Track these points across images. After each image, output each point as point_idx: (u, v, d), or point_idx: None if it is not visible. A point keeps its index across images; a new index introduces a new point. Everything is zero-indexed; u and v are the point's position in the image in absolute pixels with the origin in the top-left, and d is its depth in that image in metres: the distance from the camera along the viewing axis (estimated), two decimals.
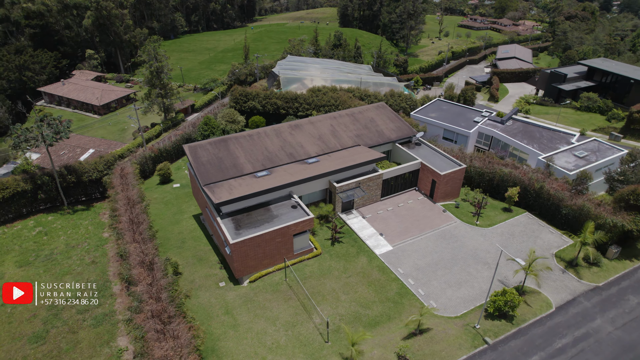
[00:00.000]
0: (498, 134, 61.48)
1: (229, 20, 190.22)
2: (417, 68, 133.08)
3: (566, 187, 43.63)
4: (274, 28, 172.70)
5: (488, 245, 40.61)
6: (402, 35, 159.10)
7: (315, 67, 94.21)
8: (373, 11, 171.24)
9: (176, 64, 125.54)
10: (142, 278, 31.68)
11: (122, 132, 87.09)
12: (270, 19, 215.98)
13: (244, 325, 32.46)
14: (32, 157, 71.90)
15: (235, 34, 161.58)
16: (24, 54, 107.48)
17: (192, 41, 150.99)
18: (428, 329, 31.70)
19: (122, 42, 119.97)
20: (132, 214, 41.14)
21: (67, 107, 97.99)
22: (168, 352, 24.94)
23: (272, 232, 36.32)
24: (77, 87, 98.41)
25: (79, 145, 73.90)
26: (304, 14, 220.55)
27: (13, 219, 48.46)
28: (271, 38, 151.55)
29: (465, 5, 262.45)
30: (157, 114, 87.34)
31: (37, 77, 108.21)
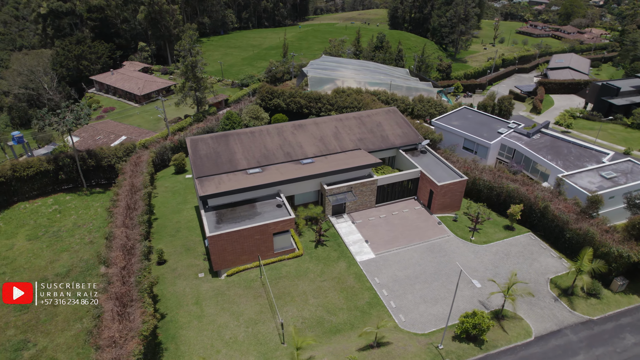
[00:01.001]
0: (521, 147, 58.11)
1: (280, 18, 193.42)
2: (462, 74, 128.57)
3: (574, 209, 40.49)
4: (321, 27, 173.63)
5: (477, 263, 38.63)
6: (451, 39, 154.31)
7: (348, 68, 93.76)
8: (423, 14, 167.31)
9: (219, 59, 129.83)
10: (117, 261, 33.24)
11: (157, 121, 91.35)
12: (322, 19, 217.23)
13: (208, 317, 33.16)
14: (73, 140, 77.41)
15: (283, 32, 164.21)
16: (82, 44, 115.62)
17: (240, 37, 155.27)
18: (388, 342, 30.73)
19: (171, 35, 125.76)
20: (131, 200, 43.20)
21: (114, 95, 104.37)
22: (114, 334, 26.05)
23: (251, 228, 36.74)
24: (124, 77, 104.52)
25: (114, 132, 78.49)
26: (356, 14, 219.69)
27: (36, 195, 52.49)
28: (316, 37, 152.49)
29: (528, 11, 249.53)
30: (190, 107, 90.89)
31: (93, 66, 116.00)
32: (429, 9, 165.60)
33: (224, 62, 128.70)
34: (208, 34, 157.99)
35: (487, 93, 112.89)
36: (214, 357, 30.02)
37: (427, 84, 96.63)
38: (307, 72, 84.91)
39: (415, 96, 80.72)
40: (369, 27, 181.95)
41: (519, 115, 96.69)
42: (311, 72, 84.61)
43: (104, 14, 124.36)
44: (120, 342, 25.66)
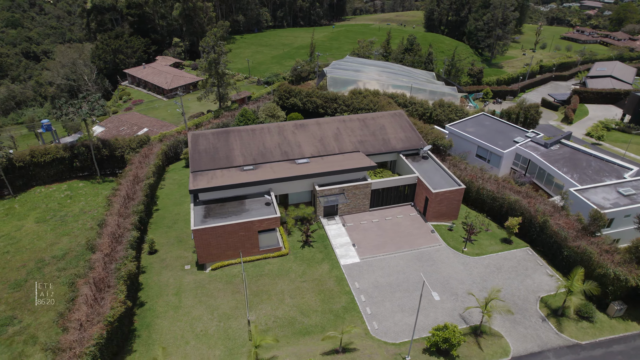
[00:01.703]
0: (536, 157, 55.65)
1: (316, 17, 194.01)
2: (494, 80, 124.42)
3: (575, 225, 38.33)
4: (355, 28, 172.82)
5: (465, 276, 37.32)
6: (487, 44, 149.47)
7: (370, 70, 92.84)
8: (460, 17, 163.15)
9: (249, 57, 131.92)
10: (103, 248, 34.54)
11: (180, 115, 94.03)
12: (359, 19, 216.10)
13: (185, 309, 33.85)
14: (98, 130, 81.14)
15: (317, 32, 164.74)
16: (120, 39, 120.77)
17: (272, 36, 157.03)
18: (354, 349, 30.26)
19: (203, 32, 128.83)
20: (131, 190, 44.75)
21: (144, 88, 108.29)
22: (82, 317, 27.10)
23: (236, 224, 37.18)
24: (154, 71, 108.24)
25: (137, 124, 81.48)
26: (394, 16, 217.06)
27: (52, 181, 55.30)
28: (348, 38, 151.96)
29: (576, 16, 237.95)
30: (213, 103, 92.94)
31: (128, 59, 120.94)
32: (466, 11, 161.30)
33: (254, 60, 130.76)
34: (242, 31, 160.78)
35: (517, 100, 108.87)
36: (182, 348, 30.62)
37: (451, 88, 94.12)
38: (327, 72, 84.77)
39: (436, 100, 78.86)
40: (405, 29, 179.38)
41: (547, 125, 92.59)
42: (331, 73, 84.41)
43: (142, 10, 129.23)
44: (85, 325, 26.66)
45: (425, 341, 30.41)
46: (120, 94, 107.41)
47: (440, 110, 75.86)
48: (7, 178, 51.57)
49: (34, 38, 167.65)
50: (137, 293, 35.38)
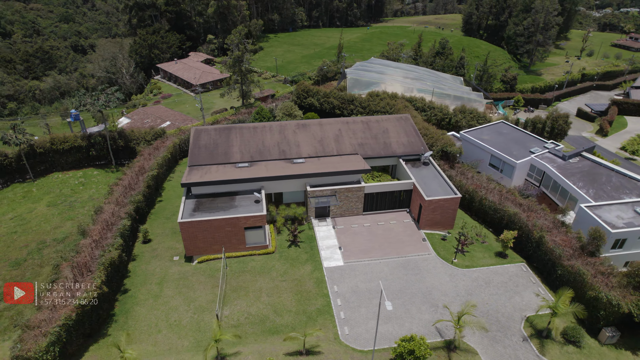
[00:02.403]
0: (550, 170, 53.06)
1: (353, 18, 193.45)
2: (529, 87, 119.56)
3: (572, 243, 36.24)
4: (390, 30, 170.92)
5: (449, 287, 36.13)
6: (526, 50, 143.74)
7: (395, 72, 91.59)
8: (500, 21, 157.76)
9: (280, 56, 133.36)
10: (93, 234, 36.05)
11: (205, 110, 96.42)
12: (397, 21, 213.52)
13: (164, 298, 34.76)
14: (124, 121, 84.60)
15: (351, 33, 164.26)
16: (156, 34, 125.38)
17: (306, 35, 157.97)
18: (319, 352, 30.02)
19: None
20: (134, 181, 46.40)
21: (174, 83, 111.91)
22: (57, 299, 28.42)
23: (222, 220, 37.77)
24: (185, 67, 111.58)
25: (161, 117, 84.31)
26: (433, 18, 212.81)
27: (70, 167, 58.27)
28: (381, 40, 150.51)
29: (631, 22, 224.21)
30: (236, 100, 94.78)
31: (163, 55, 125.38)
32: (506, 16, 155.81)
33: (284, 59, 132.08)
34: (276, 30, 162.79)
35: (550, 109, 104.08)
36: (153, 335, 31.48)
37: (478, 94, 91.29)
38: (347, 74, 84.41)
39: (458, 106, 76.75)
40: (442, 32, 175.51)
41: (579, 136, 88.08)
42: (351, 74, 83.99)
43: (179, 8, 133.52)
44: (58, 306, 27.94)
45: (391, 351, 29.69)
46: (151, 88, 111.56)
47: (461, 116, 73.78)
48: (28, 163, 54.81)
49: (82, 32, 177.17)
50: (123, 280, 36.68)
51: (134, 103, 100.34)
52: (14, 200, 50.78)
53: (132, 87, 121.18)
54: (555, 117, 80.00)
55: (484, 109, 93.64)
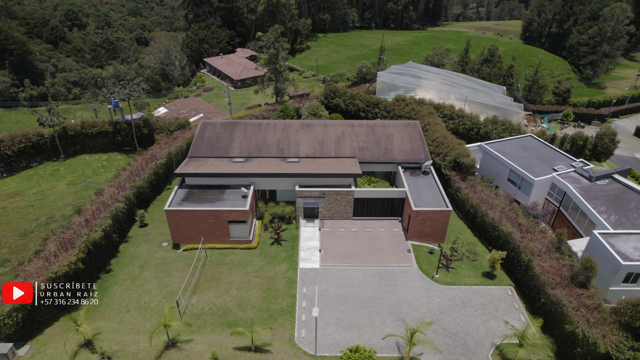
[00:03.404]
0: (570, 190, 49.32)
1: (408, 21, 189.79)
2: (585, 101, 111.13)
3: (561, 271, 33.48)
4: (443, 34, 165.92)
5: (422, 303, 34.73)
6: (589, 61, 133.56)
7: (430, 77, 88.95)
8: (563, 29, 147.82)
9: (325, 56, 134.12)
10: (87, 213, 38.54)
11: (241, 105, 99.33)
12: (454, 26, 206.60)
13: (141, 280, 36.45)
14: (162, 111, 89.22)
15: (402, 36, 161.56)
16: (207, 29, 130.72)
17: (355, 37, 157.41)
18: (268, 351, 30.11)
19: (284, 29, 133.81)
20: (141, 167, 48.87)
21: (217, 77, 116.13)
22: (34, 269, 30.77)
23: (205, 211, 38.87)
24: (229, 62, 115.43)
25: (196, 109, 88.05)
26: (493, 24, 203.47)
27: (98, 150, 62.48)
28: (431, 44, 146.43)
29: None
30: (270, 97, 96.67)
31: (212, 49, 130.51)
32: (570, 23, 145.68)
33: (328, 59, 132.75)
34: (327, 30, 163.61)
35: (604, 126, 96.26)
36: (121, 314, 33.15)
37: (518, 105, 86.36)
38: (378, 77, 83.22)
39: (490, 116, 73.33)
40: (500, 39, 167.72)
41: (630, 157, 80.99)
42: (382, 77, 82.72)
43: (231, 4, 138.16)
44: (32, 276, 30.25)
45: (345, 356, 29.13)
46: (195, 80, 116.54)
47: (491, 126, 70.49)
48: (60, 144, 59.48)
49: (147, 25, 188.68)
50: (110, 259, 38.88)
51: (176, 94, 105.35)
52: (42, 176, 55.37)
53: (180, 79, 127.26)
54: (600, 135, 74.17)
55: (521, 121, 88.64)
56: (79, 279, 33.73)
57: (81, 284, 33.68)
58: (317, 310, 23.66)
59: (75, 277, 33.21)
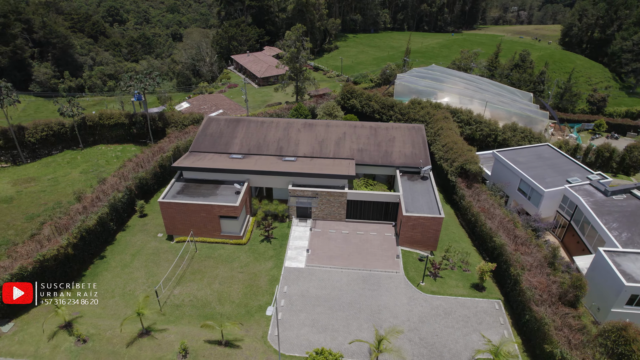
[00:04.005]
0: (582, 203, 46.99)
1: (442, 24, 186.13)
2: (623, 111, 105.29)
3: (549, 288, 31.90)
4: (476, 38, 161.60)
5: (403, 310, 33.99)
6: (632, 68, 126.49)
7: (452, 81, 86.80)
8: (606, 35, 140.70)
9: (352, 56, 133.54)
10: (86, 200, 40.10)
11: (262, 102, 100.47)
12: (490, 29, 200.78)
13: (130, 268, 37.56)
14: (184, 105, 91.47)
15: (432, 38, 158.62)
16: (236, 27, 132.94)
17: (385, 38, 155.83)
18: (238, 346, 30.31)
19: (312, 28, 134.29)
20: (147, 159, 50.26)
21: (243, 74, 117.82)
22: (25, 251, 32.33)
23: (196, 205, 39.59)
24: (255, 60, 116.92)
25: (217, 105, 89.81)
26: (532, 28, 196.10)
27: (114, 141, 64.87)
28: (461, 47, 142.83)
29: None
30: (291, 95, 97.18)
31: (240, 47, 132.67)
32: (614, 28, 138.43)
33: (356, 60, 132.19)
34: (357, 30, 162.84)
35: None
36: (106, 300, 34.25)
37: (543, 113, 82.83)
38: (397, 79, 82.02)
39: (510, 123, 70.96)
40: (538, 44, 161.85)
41: None
42: (401, 79, 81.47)
43: (261, 3, 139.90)
44: (22, 258, 31.77)
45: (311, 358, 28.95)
46: (221, 77, 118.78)
47: (510, 133, 68.23)
48: (79, 134, 62.15)
49: (183, 22, 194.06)
50: (105, 246, 40.29)
51: (200, 90, 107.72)
52: (60, 164, 58.05)
53: (209, 75, 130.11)
54: (630, 147, 70.26)
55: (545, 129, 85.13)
56: (70, 263, 35.17)
57: (76, 269, 35.11)
58: (272, 310, 23.61)
59: (66, 261, 34.60)
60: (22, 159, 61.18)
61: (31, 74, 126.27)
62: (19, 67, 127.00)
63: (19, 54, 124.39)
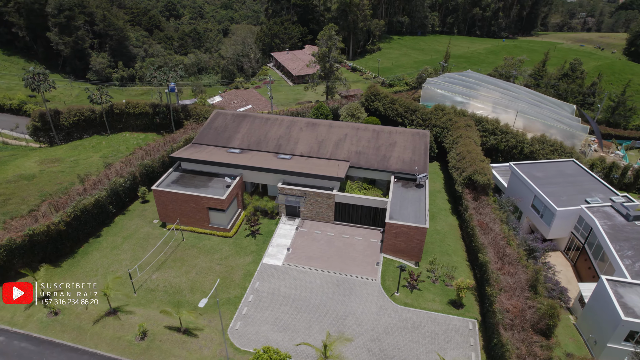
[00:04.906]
0: (597, 226, 43.60)
1: (496, 29, 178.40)
2: None
3: (523, 313, 29.78)
4: (529, 45, 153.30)
5: (370, 319, 33.11)
6: None
7: (486, 89, 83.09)
8: None
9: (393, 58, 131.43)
10: (87, 183, 42.56)
11: (293, 100, 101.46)
12: (550, 36, 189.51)
13: (118, 251, 39.42)
14: (217, 99, 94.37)
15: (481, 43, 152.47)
16: (280, 25, 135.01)
17: (431, 41, 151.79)
18: (195, 335, 30.96)
19: (355, 28, 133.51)
20: (156, 149, 52.36)
21: (281, 71, 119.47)
22: (20, 224, 34.88)
23: (186, 195, 40.78)
24: (293, 58, 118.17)
25: (247, 100, 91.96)
26: (596, 36, 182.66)
27: (139, 129, 68.22)
28: (510, 53, 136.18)
29: None
30: (321, 95, 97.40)
31: (283, 44, 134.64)
32: None
33: (397, 62, 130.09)
34: (403, 32, 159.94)
35: None
36: (89, 278, 36.16)
37: (583, 127, 77.26)
38: (427, 83, 79.73)
39: (538, 135, 67.10)
40: (599, 53, 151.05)
41: None
42: (429, 84, 79.12)
43: (307, 2, 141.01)
44: (14, 230, 34.30)
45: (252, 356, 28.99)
46: (260, 73, 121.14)
47: (538, 146, 64.53)
48: (107, 120, 65.97)
49: (235, 18, 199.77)
50: (102, 227, 42.54)
51: (236, 85, 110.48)
52: (85, 147, 61.96)
53: (249, 70, 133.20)
54: None
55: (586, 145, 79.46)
56: (62, 240, 37.50)
57: (69, 246, 37.49)
58: (205, 302, 23.91)
59: (58, 238, 36.93)
60: (56, 141, 65.95)
61: (89, 63, 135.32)
62: (79, 57, 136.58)
63: (80, 44, 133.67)
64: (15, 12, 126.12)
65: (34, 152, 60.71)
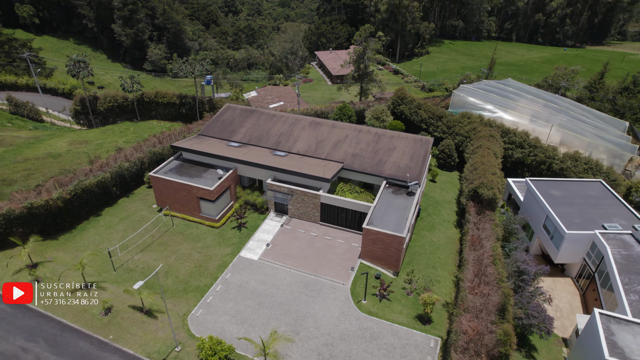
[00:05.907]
0: (608, 254, 40.11)
1: (561, 36, 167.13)
2: None
3: (482, 337, 27.92)
4: (594, 55, 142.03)
5: (329, 324, 32.60)
6: None
7: (527, 100, 78.22)
8: None
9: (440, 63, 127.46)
10: (95, 165, 45.48)
11: (328, 99, 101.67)
12: (625, 46, 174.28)
13: (111, 230, 41.79)
14: (252, 94, 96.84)
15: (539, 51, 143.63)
16: (327, 24, 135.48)
17: (484, 47, 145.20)
18: (155, 317, 32.13)
19: (404, 31, 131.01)
20: (169, 137, 54.72)
21: (322, 70, 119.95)
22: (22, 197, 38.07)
23: (178, 183, 42.36)
24: (334, 57, 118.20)
25: (280, 96, 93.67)
26: None
27: (166, 118, 71.67)
28: (570, 63, 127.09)
29: None
30: (354, 96, 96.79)
31: (329, 44, 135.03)
32: None
33: (444, 66, 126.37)
34: (457, 37, 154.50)
35: None
36: (79, 252, 38.67)
37: (632, 147, 70.49)
38: (459, 90, 76.55)
39: (572, 152, 62.49)
40: None
41: None
42: (461, 91, 75.88)
43: (357, 2, 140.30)
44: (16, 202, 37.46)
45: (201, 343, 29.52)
46: (302, 71, 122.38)
47: (570, 163, 60.33)
48: (138, 108, 69.91)
49: (291, 16, 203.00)
50: (104, 207, 45.26)
51: (275, 81, 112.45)
52: (114, 132, 66.11)
53: (294, 68, 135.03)
54: None
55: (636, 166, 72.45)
56: (62, 215, 40.38)
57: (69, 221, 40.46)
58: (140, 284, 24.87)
59: (58, 213, 39.83)
60: (93, 124, 70.93)
61: (146, 53, 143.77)
62: (138, 47, 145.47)
63: (140, 35, 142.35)
64: (87, 5, 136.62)
65: (68, 133, 65.72)
